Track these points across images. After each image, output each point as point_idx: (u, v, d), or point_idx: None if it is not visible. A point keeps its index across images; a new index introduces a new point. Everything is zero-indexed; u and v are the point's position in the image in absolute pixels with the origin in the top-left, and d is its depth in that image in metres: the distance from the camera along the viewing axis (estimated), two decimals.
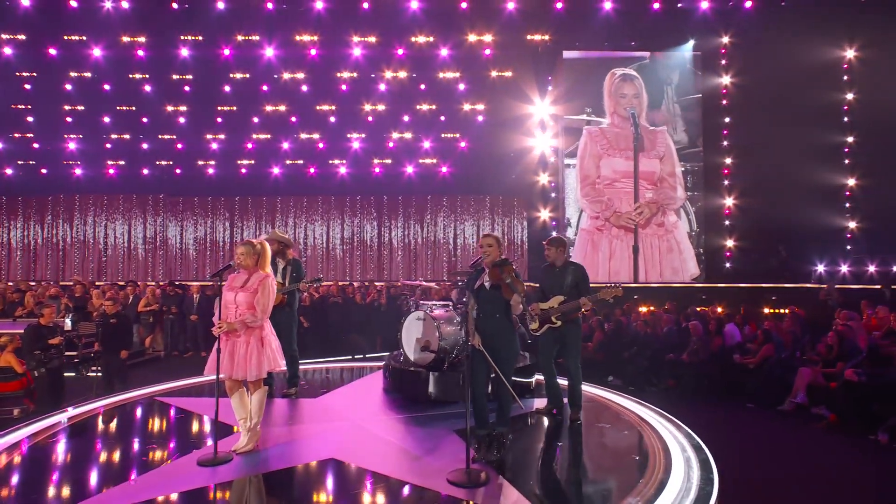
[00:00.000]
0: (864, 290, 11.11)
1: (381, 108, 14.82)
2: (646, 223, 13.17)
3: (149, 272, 15.56)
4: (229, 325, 3.89)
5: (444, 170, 15.32)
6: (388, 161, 15.44)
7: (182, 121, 15.04)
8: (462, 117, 14.76)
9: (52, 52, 13.94)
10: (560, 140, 13.82)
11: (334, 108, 14.85)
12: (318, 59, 14.22)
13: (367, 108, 14.82)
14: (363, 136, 15.19)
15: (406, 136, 15.13)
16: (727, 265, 13.61)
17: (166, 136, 15.26)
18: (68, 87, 14.46)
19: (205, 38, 14.02)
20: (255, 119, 15.03)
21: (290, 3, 13.72)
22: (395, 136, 15.14)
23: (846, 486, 4.47)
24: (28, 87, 14.53)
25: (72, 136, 15.18)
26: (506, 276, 4.07)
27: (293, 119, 15.03)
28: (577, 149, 13.51)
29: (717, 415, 6.40)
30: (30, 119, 14.95)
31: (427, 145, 15.14)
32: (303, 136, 15.25)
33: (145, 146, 15.29)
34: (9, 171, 15.30)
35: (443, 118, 14.85)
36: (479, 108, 14.64)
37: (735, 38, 13.63)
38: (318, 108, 14.88)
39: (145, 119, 14.99)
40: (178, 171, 15.60)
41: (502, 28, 13.63)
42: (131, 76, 14.45)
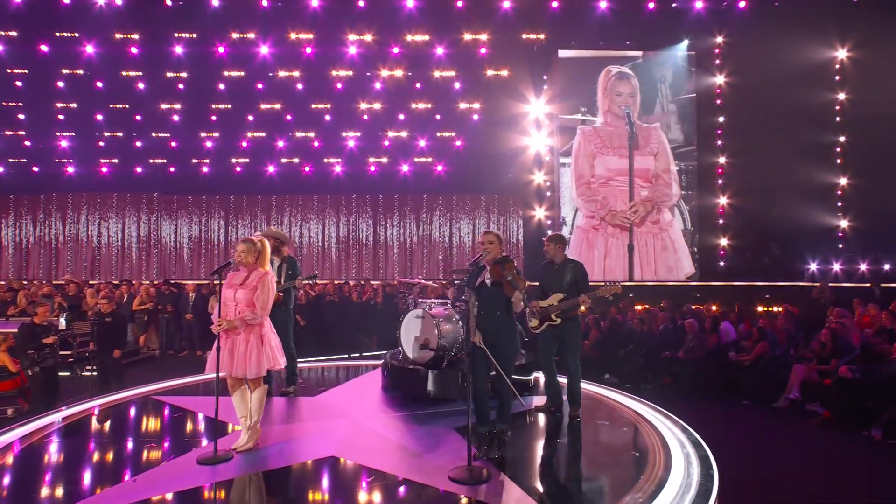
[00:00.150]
0: (856, 288, 11.23)
1: (376, 106, 14.78)
2: (641, 221, 13.23)
3: (143, 271, 15.45)
4: (229, 322, 3.87)
5: (440, 168, 15.31)
6: (383, 160, 15.41)
7: (176, 118, 14.94)
8: (458, 116, 14.74)
9: (44, 48, 13.79)
10: (555, 139, 13.85)
11: (329, 106, 14.79)
12: (314, 57, 14.15)
13: (363, 106, 14.79)
14: (358, 134, 15.14)
15: (401, 134, 15.10)
16: (721, 263, 13.71)
17: (160, 134, 15.15)
18: (60, 84, 14.32)
19: (199, 36, 13.91)
20: (250, 117, 14.93)
21: (285, 1, 13.65)
22: (391, 134, 15.11)
23: (842, 482, 4.53)
24: (19, 84, 14.38)
25: (64, 134, 15.04)
26: (507, 273, 4.08)
27: (288, 117, 14.94)
28: (572, 149, 13.54)
29: (713, 412, 6.46)
30: (21, 116, 14.79)
31: (422, 144, 15.13)
32: (298, 134, 15.18)
33: (139, 144, 15.17)
34: (0, 168, 15.14)
35: (438, 117, 14.82)
36: (475, 106, 14.63)
37: (729, 38, 13.72)
38: (314, 106, 14.82)
39: (139, 117, 14.85)
40: (172, 169, 15.48)
41: (498, 27, 13.63)
42: (124, 73, 14.33)
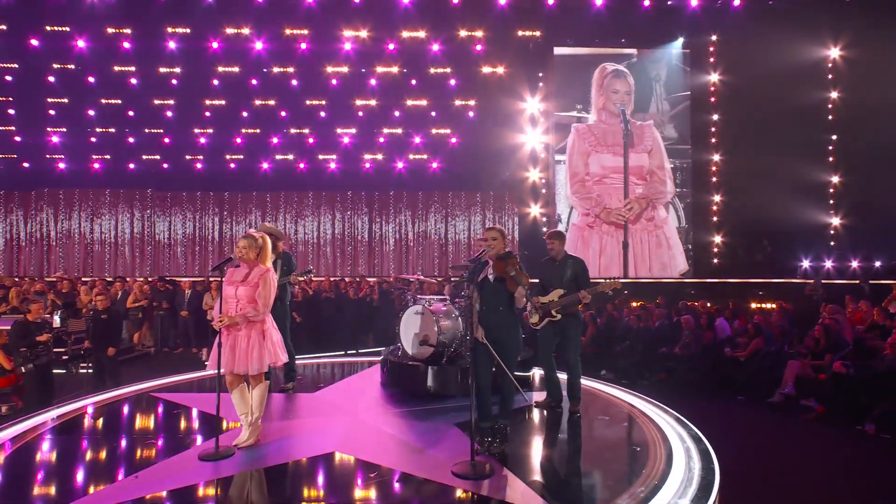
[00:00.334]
0: (847, 285, 11.34)
1: (371, 103, 14.73)
2: (636, 218, 13.28)
3: (136, 268, 15.32)
4: (230, 318, 3.86)
5: (435, 165, 15.29)
6: (378, 156, 15.37)
7: (169, 114, 14.80)
8: (453, 113, 14.73)
9: (34, 42, 13.61)
10: (551, 136, 13.87)
11: (324, 102, 14.72)
12: (308, 54, 14.08)
13: (358, 102, 14.73)
14: (353, 131, 15.09)
15: (397, 131, 15.06)
16: (714, 261, 13.80)
17: (153, 130, 15.01)
18: (51, 79, 14.14)
19: (192, 31, 13.80)
20: (244, 113, 14.84)
21: None
22: (386, 131, 15.07)
23: (839, 476, 4.60)
24: (9, 78, 14.18)
25: (55, 130, 14.86)
26: (510, 269, 4.08)
27: (283, 114, 14.86)
28: (566, 147, 13.57)
29: (709, 407, 6.51)
30: (11, 112, 14.59)
31: (418, 141, 15.11)
32: (292, 130, 15.11)
33: (131, 140, 15.03)
34: None
35: (434, 114, 14.80)
36: (471, 103, 14.63)
37: (723, 36, 13.79)
38: (308, 102, 14.73)
39: (131, 112, 14.71)
40: (166, 165, 15.36)
41: (493, 24, 13.62)
42: (117, 68, 14.17)
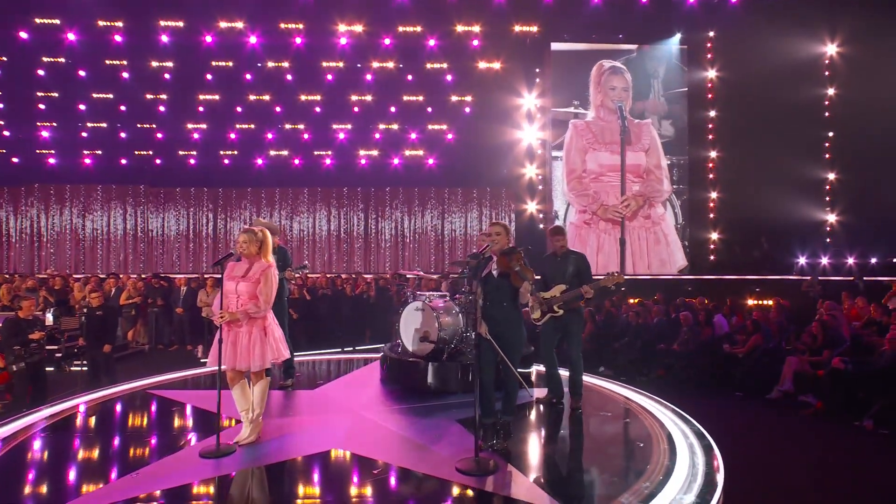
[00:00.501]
0: (842, 281, 11.39)
1: (367, 98, 14.63)
2: (633, 216, 13.29)
3: (129, 264, 15.15)
4: (231, 314, 3.80)
5: (431, 162, 15.23)
6: (374, 152, 15.28)
7: (162, 109, 14.63)
8: (449, 109, 14.66)
9: (23, 35, 13.36)
10: (548, 132, 13.83)
11: (320, 98, 14.61)
12: (304, 48, 13.93)
13: (354, 98, 14.62)
14: (349, 126, 14.99)
15: (392, 127, 14.98)
16: (711, 257, 13.83)
17: (146, 125, 14.83)
18: (41, 72, 13.90)
19: (186, 24, 13.59)
20: (239, 109, 14.70)
21: None
22: (382, 127, 14.98)
23: (839, 471, 4.61)
24: None
25: (45, 124, 14.64)
26: (514, 264, 4.04)
27: (277, 109, 14.74)
28: (564, 143, 13.54)
29: (708, 403, 6.49)
30: (0, 105, 14.35)
31: (414, 137, 15.03)
32: (287, 126, 14.98)
33: (123, 135, 14.84)
34: None
35: (430, 109, 14.73)
36: (467, 99, 14.57)
37: (720, 32, 13.75)
38: (303, 97, 14.62)
39: (123, 107, 14.52)
40: (159, 161, 15.20)
41: (490, 19, 13.53)
42: (108, 62, 13.95)
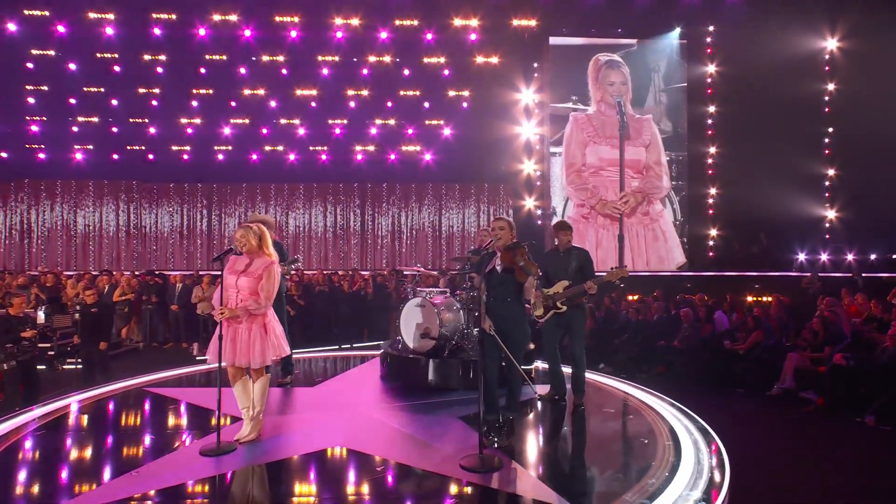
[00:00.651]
0: (841, 278, 11.38)
1: (363, 93, 14.50)
2: (631, 212, 13.25)
3: (122, 261, 14.97)
4: (231, 311, 3.72)
5: (429, 157, 15.13)
6: (370, 148, 15.17)
7: (155, 104, 14.43)
8: (447, 104, 14.56)
9: (12, 27, 13.12)
10: (546, 128, 13.74)
11: (315, 92, 14.46)
12: (299, 42, 13.77)
13: (350, 93, 14.48)
14: (345, 122, 14.86)
15: (389, 122, 14.86)
16: (710, 254, 13.80)
17: (138, 120, 14.63)
18: (30, 65, 13.66)
19: (179, 17, 13.39)
20: (233, 103, 14.53)
21: None
22: (379, 122, 14.86)
23: (842, 467, 4.58)
24: None
25: (35, 119, 14.41)
26: (519, 259, 4.02)
27: (272, 104, 14.57)
28: (563, 136, 13.46)
29: (709, 400, 6.45)
30: None
31: (411, 132, 14.92)
32: (282, 121, 14.83)
33: (115, 130, 14.63)
34: None
35: (427, 104, 14.62)
36: (465, 94, 14.47)
37: (720, 27, 13.65)
38: (299, 92, 14.46)
39: (115, 101, 14.30)
40: (152, 156, 15.01)
41: (488, 12, 13.42)
42: (99, 55, 13.72)
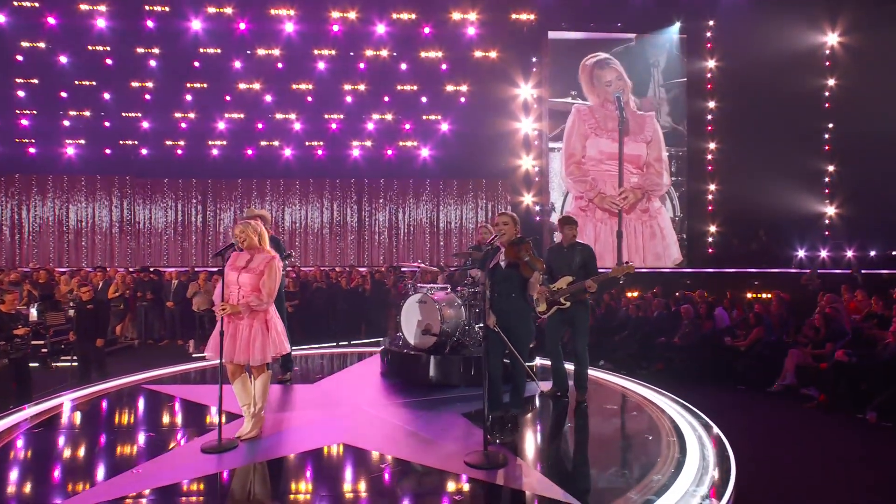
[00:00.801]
0: (841, 274, 11.35)
1: (360, 87, 14.37)
2: (630, 208, 13.23)
3: (116, 257, 14.80)
4: (233, 307, 3.67)
5: (426, 153, 15.04)
6: (367, 143, 15.05)
7: (148, 98, 14.23)
8: (445, 99, 14.44)
9: (1, 18, 12.89)
10: (544, 123, 13.68)
11: (311, 87, 14.31)
12: (295, 35, 13.60)
13: (346, 87, 14.35)
14: (341, 116, 14.73)
15: (386, 117, 14.75)
16: (709, 250, 13.77)
17: (131, 114, 14.43)
18: (19, 58, 13.42)
19: (172, 9, 13.18)
20: (228, 97, 14.36)
21: None
22: (376, 117, 14.74)
23: (847, 464, 4.56)
24: None
25: (25, 112, 14.19)
26: (524, 254, 4.03)
27: (268, 98, 14.42)
28: (563, 132, 13.35)
29: (711, 396, 6.43)
30: None
31: (408, 127, 14.81)
32: (278, 116, 14.69)
33: (107, 124, 14.43)
34: None
35: (424, 99, 14.51)
36: (463, 89, 14.36)
37: (721, 21, 13.55)
38: (294, 86, 14.32)
39: (107, 95, 14.11)
40: (145, 151, 14.82)
41: (487, 6, 13.29)
42: (91, 48, 13.50)
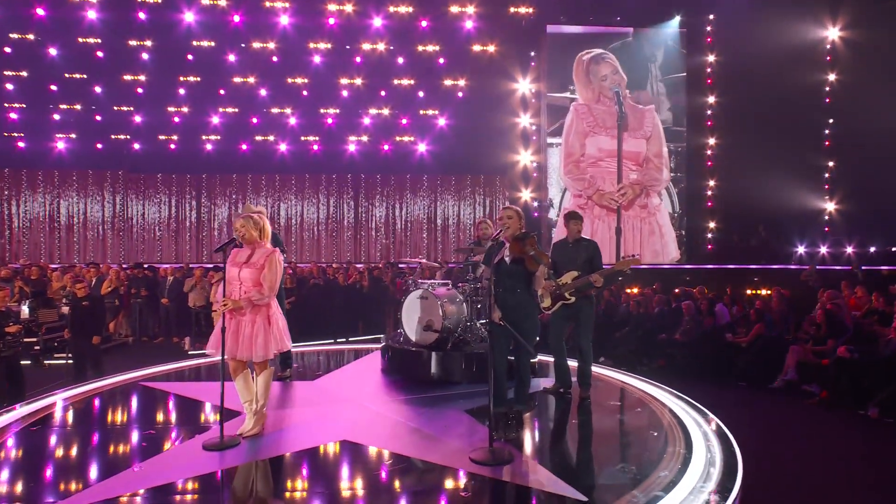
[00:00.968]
0: (840, 271, 11.35)
1: (357, 82, 14.23)
2: (629, 205, 13.20)
3: (109, 254, 14.61)
4: (234, 302, 3.60)
5: (423, 148, 14.94)
6: (364, 138, 14.93)
7: (140, 91, 14.03)
8: (442, 93, 14.33)
9: None
10: (543, 118, 13.61)
11: (307, 81, 14.16)
12: (290, 28, 13.43)
13: (343, 81, 14.20)
14: (337, 111, 14.60)
15: (383, 112, 14.63)
16: (709, 246, 13.75)
17: (123, 108, 14.22)
18: (7, 49, 13.17)
19: (165, 1, 12.95)
20: (222, 91, 14.19)
21: None
22: (372, 111, 14.61)
23: (850, 461, 4.55)
24: None
25: (14, 106, 13.95)
26: (529, 249, 4.02)
27: (262, 92, 14.24)
28: (561, 127, 13.28)
29: (712, 393, 6.40)
30: None
31: (405, 122, 14.70)
32: (273, 110, 14.53)
33: (99, 118, 14.22)
34: None
35: (421, 94, 14.40)
36: (461, 83, 14.25)
37: (721, 16, 13.46)
38: (290, 80, 14.16)
39: (98, 88, 13.88)
40: (137, 146, 14.62)
41: (485, 0, 13.21)
42: (81, 40, 13.26)
